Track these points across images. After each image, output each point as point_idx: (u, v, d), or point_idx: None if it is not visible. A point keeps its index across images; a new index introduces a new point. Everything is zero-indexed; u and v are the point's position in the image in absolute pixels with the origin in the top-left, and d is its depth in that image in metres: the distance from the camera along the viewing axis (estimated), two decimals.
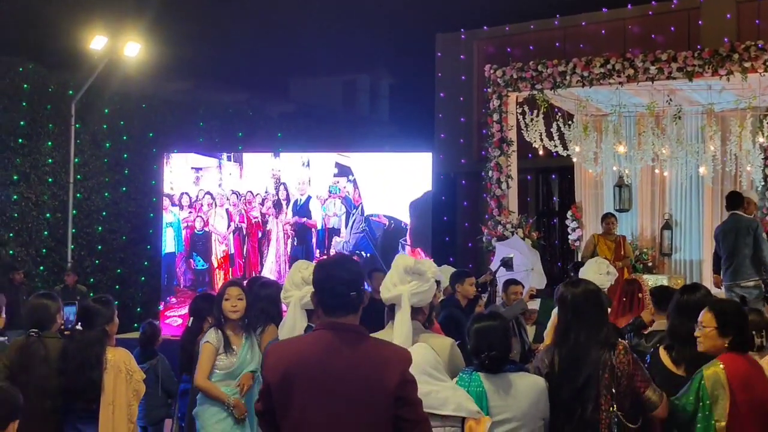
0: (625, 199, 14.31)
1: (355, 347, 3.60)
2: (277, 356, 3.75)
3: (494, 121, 12.56)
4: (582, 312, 4.76)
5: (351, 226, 14.18)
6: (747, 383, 4.65)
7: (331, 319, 3.67)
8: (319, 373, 3.56)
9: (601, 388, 4.58)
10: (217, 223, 14.42)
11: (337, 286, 3.67)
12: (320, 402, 3.54)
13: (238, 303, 6.12)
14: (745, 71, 10.96)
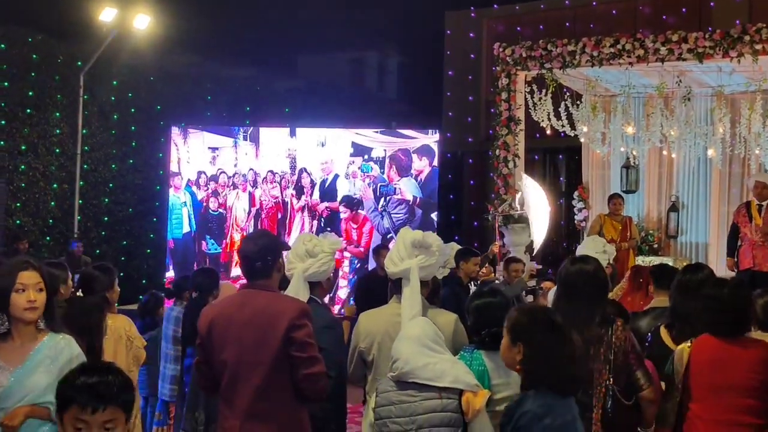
0: (632, 181, 14.27)
1: (259, 301, 4.42)
2: (207, 311, 4.66)
3: (502, 99, 12.50)
4: (576, 290, 4.77)
5: (387, 205, 14.28)
6: (711, 366, 4.65)
7: (249, 282, 4.59)
8: (231, 323, 4.44)
9: (598, 363, 4.59)
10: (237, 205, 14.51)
11: (248, 257, 4.57)
12: (232, 345, 4.40)
13: (37, 297, 4.12)
14: (756, 53, 10.89)
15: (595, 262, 4.99)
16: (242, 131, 14.75)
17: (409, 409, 4.36)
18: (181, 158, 14.68)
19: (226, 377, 4.42)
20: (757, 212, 11.36)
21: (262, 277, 4.55)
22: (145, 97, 16.47)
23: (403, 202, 14.25)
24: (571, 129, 12.83)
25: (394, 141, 14.48)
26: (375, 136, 14.47)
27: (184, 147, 14.68)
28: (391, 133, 14.66)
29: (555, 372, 3.79)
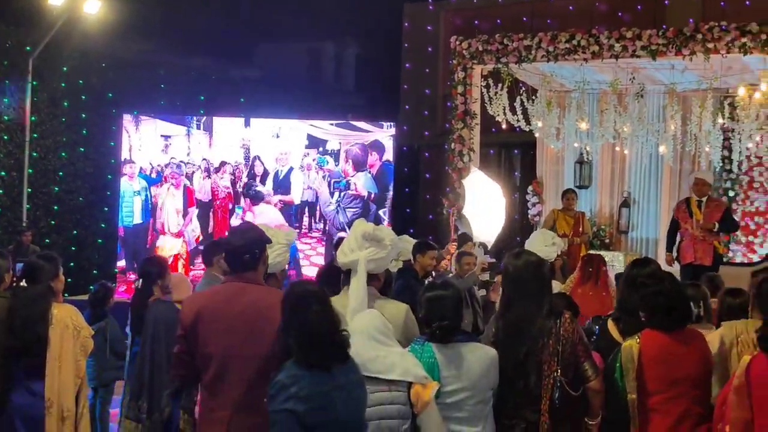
0: (585, 176, 14.40)
1: (249, 294, 4.43)
2: (191, 302, 4.67)
3: (458, 93, 12.53)
4: (523, 283, 4.80)
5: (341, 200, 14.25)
6: (664, 359, 4.71)
7: (234, 274, 4.62)
8: (220, 315, 4.44)
9: (546, 355, 4.62)
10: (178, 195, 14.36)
11: (235, 249, 4.61)
12: (220, 337, 4.40)
13: None
14: (708, 52, 11.00)
15: (537, 255, 5.04)
16: (195, 120, 14.62)
17: None
18: (132, 146, 14.52)
19: (213, 369, 4.43)
20: (698, 208, 11.59)
21: (250, 269, 4.59)
22: (96, 84, 16.25)
23: (357, 197, 14.24)
24: (526, 124, 12.89)
25: (349, 134, 14.46)
26: (330, 129, 14.44)
27: (136, 135, 14.52)
28: (347, 125, 14.63)
29: (300, 346, 3.90)
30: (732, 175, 13.93)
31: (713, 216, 11.73)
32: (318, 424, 3.86)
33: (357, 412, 4.07)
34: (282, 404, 3.83)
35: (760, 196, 14.04)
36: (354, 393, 4.02)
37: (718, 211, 11.86)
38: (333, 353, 3.98)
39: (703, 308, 5.87)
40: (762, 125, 12.28)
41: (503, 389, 4.72)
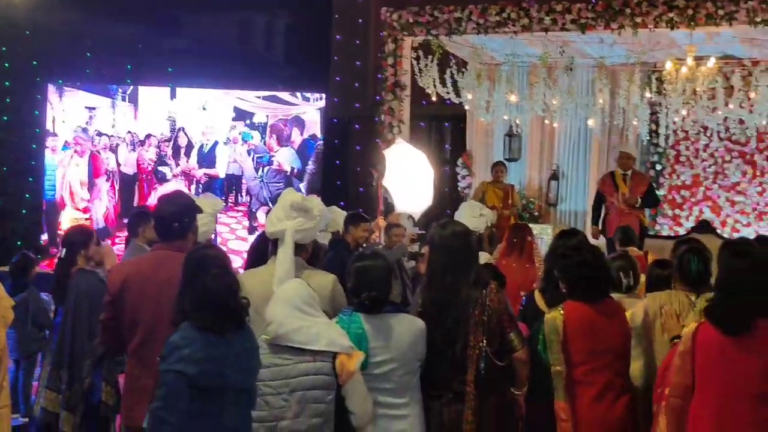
0: (514, 149, 14.46)
1: (177, 262, 4.22)
2: (118, 269, 4.75)
3: (388, 65, 12.47)
4: (450, 253, 4.80)
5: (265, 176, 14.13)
6: (587, 331, 4.77)
7: (163, 242, 4.65)
8: (147, 282, 4.48)
9: (472, 326, 4.63)
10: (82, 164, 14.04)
11: (164, 217, 4.64)
12: (148, 304, 4.45)
13: None
14: (636, 26, 11.08)
15: (464, 225, 5.04)
16: (121, 92, 14.33)
17: (282, 372, 4.32)
18: (56, 117, 14.20)
19: (139, 337, 4.47)
20: (623, 181, 11.72)
21: (178, 238, 4.65)
22: (20, 51, 15.82)
23: (280, 172, 14.14)
24: (456, 96, 12.90)
25: (277, 107, 14.34)
26: (257, 102, 14.29)
27: (59, 105, 14.20)
28: (274, 98, 14.49)
29: (196, 308, 3.93)
30: (659, 148, 14.12)
31: (638, 189, 11.89)
32: (207, 387, 3.88)
33: (247, 380, 4.08)
34: (173, 365, 3.84)
35: (687, 170, 14.27)
36: (246, 360, 4.04)
37: (642, 185, 12.03)
38: (228, 318, 3.98)
39: (632, 278, 5.95)
40: (688, 99, 12.43)
41: (430, 360, 4.72)
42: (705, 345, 4.31)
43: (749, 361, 4.18)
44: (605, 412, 4.80)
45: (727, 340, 4.22)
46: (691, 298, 5.31)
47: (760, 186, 13.81)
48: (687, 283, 5.39)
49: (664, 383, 4.58)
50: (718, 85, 12.20)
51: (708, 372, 4.30)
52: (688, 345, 4.38)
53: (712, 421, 4.25)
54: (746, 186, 13.90)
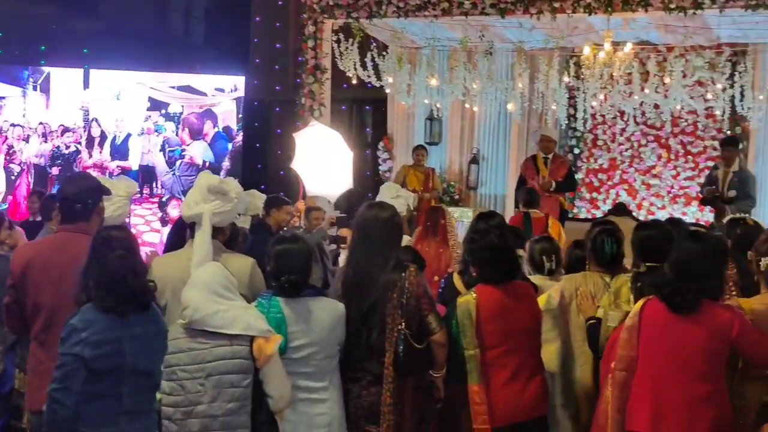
0: (435, 133, 14.53)
1: (80, 244, 4.24)
2: (21, 252, 4.70)
3: (309, 47, 12.38)
4: (371, 235, 4.79)
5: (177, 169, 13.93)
6: (499, 313, 4.81)
7: (67, 224, 4.60)
8: (49, 264, 4.41)
9: (390, 309, 4.64)
10: None
11: (67, 198, 4.59)
12: (50, 287, 4.38)
13: None
14: (555, 11, 11.14)
15: (392, 208, 5.01)
16: (32, 81, 13.96)
17: (198, 356, 4.28)
18: None
19: (42, 320, 4.40)
20: (544, 165, 11.84)
21: (82, 219, 4.58)
22: None
23: (193, 165, 13.99)
24: (377, 80, 12.89)
25: (192, 98, 14.16)
26: (171, 92, 14.09)
27: None
28: (188, 89, 14.29)
29: (98, 289, 3.91)
30: (577, 132, 14.31)
31: (558, 172, 12.02)
32: (106, 369, 3.84)
33: (149, 362, 4.05)
34: (71, 348, 3.80)
35: (604, 154, 14.47)
36: (149, 343, 4.00)
37: (562, 168, 12.17)
38: (130, 299, 3.93)
39: (555, 261, 6.02)
40: (605, 84, 12.59)
41: (348, 343, 4.72)
42: (650, 320, 4.43)
43: (692, 339, 4.29)
44: (518, 393, 4.85)
45: (673, 317, 4.34)
46: (606, 279, 5.40)
47: (674, 169, 14.08)
48: (601, 264, 5.49)
49: (611, 357, 4.65)
50: (635, 70, 12.37)
51: (651, 347, 4.41)
52: (634, 319, 4.49)
53: (651, 393, 4.37)
54: (661, 169, 14.16)
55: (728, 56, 12.53)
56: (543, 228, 10.13)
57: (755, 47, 12.82)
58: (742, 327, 4.28)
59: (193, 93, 14.21)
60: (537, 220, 10.35)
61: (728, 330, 4.26)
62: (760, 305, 4.56)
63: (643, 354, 4.43)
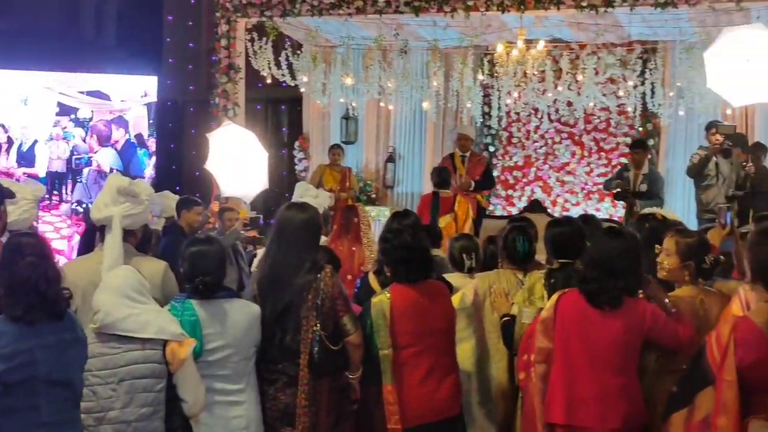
0: (351, 132, 14.51)
1: None
2: None
3: (222, 47, 12.26)
4: (288, 236, 4.76)
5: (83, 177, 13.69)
6: (413, 313, 4.83)
7: None
8: None
9: (305, 310, 4.61)
10: None
11: None
12: None
13: None
14: (468, 9, 11.22)
15: (312, 210, 4.97)
16: None
17: (110, 361, 4.20)
18: None
19: None
20: (461, 163, 11.89)
21: None
22: None
23: (101, 173, 13.77)
24: (291, 79, 12.83)
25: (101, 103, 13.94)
26: (80, 97, 13.85)
27: None
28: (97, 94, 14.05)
29: (8, 298, 3.76)
30: (492, 130, 14.42)
31: (476, 170, 12.09)
32: (18, 381, 3.69)
33: (66, 372, 3.89)
34: None
35: (519, 151, 14.61)
36: (64, 353, 3.85)
37: (480, 166, 12.24)
38: (40, 307, 3.78)
39: (474, 259, 6.04)
40: (519, 82, 12.73)
41: (264, 344, 4.68)
42: (566, 313, 4.50)
43: (607, 332, 4.37)
44: (432, 392, 4.86)
45: (589, 310, 4.43)
46: (519, 276, 5.45)
47: (587, 166, 14.28)
48: (513, 261, 5.55)
49: (529, 350, 4.70)
50: (548, 68, 12.54)
51: (566, 339, 4.48)
52: (550, 312, 4.57)
53: (566, 385, 4.45)
54: (575, 166, 14.35)
55: (639, 54, 12.79)
56: (450, 207, 10.63)
57: (665, 45, 13.07)
58: (653, 318, 4.36)
59: (103, 98, 13.98)
60: (445, 200, 10.76)
61: (641, 323, 4.35)
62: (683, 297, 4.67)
63: (558, 346, 4.50)
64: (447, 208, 10.63)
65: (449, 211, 10.72)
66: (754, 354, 3.66)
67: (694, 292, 4.67)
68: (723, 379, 3.70)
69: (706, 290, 4.75)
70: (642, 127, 13.76)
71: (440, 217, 10.62)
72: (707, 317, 4.47)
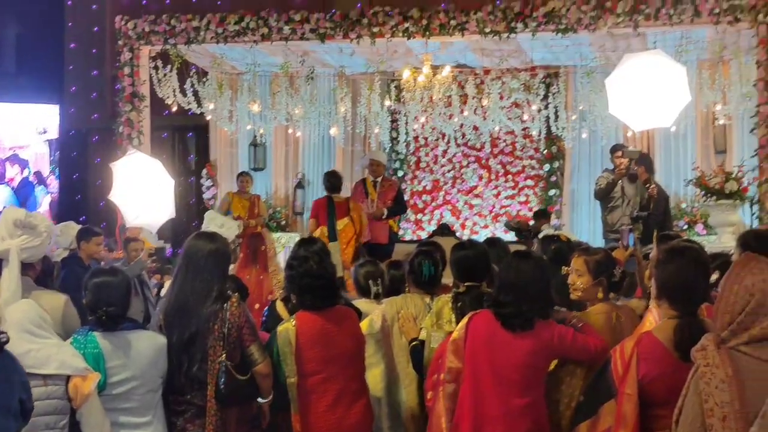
0: (259, 158, 14.46)
1: None
2: None
3: (125, 75, 12.09)
4: (196, 265, 4.70)
5: None
6: (319, 340, 4.82)
7: None
8: None
9: (212, 340, 4.55)
10: None
11: None
12: None
13: None
14: (374, 36, 11.33)
15: (220, 240, 4.91)
16: None
17: None
18: None
19: None
20: (373, 188, 11.90)
21: None
22: None
23: None
24: (197, 106, 12.75)
25: None
26: None
27: None
28: None
29: None
30: (400, 155, 14.52)
31: (387, 195, 12.07)
32: None
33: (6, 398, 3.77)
34: None
35: (427, 175, 14.72)
36: None
37: (391, 191, 12.23)
38: None
39: (380, 285, 6.03)
40: (426, 107, 12.86)
41: (171, 373, 4.60)
42: (477, 334, 4.51)
43: (516, 354, 4.39)
44: (340, 419, 4.83)
45: (500, 332, 4.44)
46: (426, 300, 5.46)
47: (495, 189, 14.45)
48: (420, 285, 5.56)
49: (440, 370, 4.70)
50: (454, 93, 12.71)
51: (475, 360, 4.49)
52: (461, 332, 4.57)
53: (472, 405, 4.46)
54: (482, 189, 14.51)
55: (542, 78, 13.06)
56: (346, 211, 10.90)
57: (567, 69, 13.36)
58: (561, 337, 4.42)
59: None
60: (339, 204, 11.00)
61: (550, 343, 4.40)
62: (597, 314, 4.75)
63: (468, 366, 4.52)
64: (343, 212, 10.91)
65: (346, 215, 10.87)
66: (657, 369, 3.72)
67: (609, 308, 4.76)
68: (623, 392, 3.77)
69: (619, 306, 4.84)
70: (547, 150, 13.98)
71: (338, 220, 10.81)
72: (623, 332, 4.54)
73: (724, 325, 3.17)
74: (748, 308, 3.11)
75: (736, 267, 3.22)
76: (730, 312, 3.15)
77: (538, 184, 14.26)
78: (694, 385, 3.18)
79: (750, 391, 3.06)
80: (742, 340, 3.12)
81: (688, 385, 3.23)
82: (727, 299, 3.17)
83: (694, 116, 12.65)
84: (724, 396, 3.04)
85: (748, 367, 3.08)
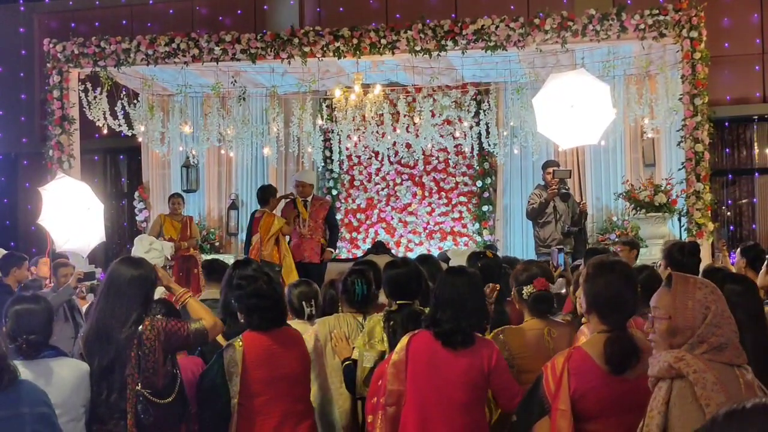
0: (192, 180, 14.35)
1: None
2: None
3: (54, 98, 11.95)
4: (117, 290, 4.62)
5: None
6: (266, 361, 4.80)
7: None
8: None
9: (129, 368, 4.47)
10: None
11: None
12: None
13: None
14: (305, 55, 11.35)
15: (145, 266, 4.79)
16: None
17: None
18: None
19: None
20: (304, 207, 11.86)
21: None
22: None
23: None
24: (129, 128, 12.64)
25: None
26: None
27: None
28: None
29: None
30: (334, 174, 14.51)
31: (319, 214, 12.05)
32: None
33: None
34: None
35: (361, 194, 14.71)
36: None
37: (323, 210, 12.20)
38: None
39: (314, 306, 6.01)
40: (358, 126, 12.90)
41: (93, 401, 4.52)
42: (417, 354, 4.53)
43: (455, 372, 4.42)
44: None
45: (439, 351, 4.47)
46: (359, 319, 5.46)
47: (429, 206, 14.49)
48: (353, 304, 5.56)
49: (379, 392, 4.68)
50: (386, 111, 12.75)
51: (418, 380, 4.51)
52: (401, 354, 4.57)
53: (417, 426, 4.47)
54: (417, 207, 14.54)
55: (473, 95, 13.17)
56: (269, 226, 11.32)
57: (497, 86, 13.50)
58: (497, 362, 4.46)
59: None
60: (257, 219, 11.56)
61: (486, 362, 4.43)
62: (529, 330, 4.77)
63: (410, 388, 4.53)
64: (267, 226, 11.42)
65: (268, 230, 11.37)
66: (587, 383, 3.75)
67: (541, 324, 4.80)
68: (557, 408, 3.77)
69: (553, 321, 4.89)
70: (479, 166, 14.08)
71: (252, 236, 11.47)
72: (556, 349, 4.57)
73: (686, 339, 3.20)
74: (707, 320, 3.14)
75: (679, 286, 3.23)
76: (691, 326, 3.17)
77: (471, 200, 14.33)
78: (681, 398, 3.13)
79: (731, 391, 3.10)
80: (701, 350, 3.14)
81: (666, 401, 3.17)
82: (684, 316, 3.19)
83: (623, 130, 12.86)
84: (720, 397, 3.05)
85: (721, 370, 3.12)
